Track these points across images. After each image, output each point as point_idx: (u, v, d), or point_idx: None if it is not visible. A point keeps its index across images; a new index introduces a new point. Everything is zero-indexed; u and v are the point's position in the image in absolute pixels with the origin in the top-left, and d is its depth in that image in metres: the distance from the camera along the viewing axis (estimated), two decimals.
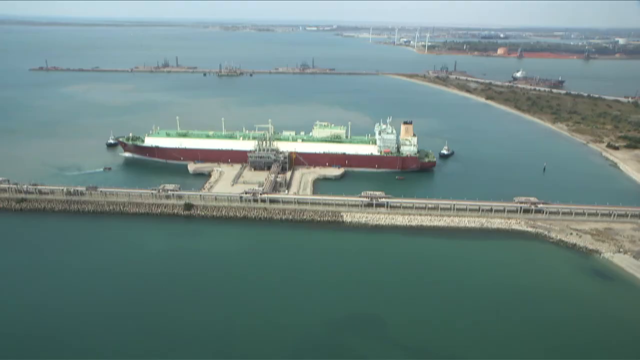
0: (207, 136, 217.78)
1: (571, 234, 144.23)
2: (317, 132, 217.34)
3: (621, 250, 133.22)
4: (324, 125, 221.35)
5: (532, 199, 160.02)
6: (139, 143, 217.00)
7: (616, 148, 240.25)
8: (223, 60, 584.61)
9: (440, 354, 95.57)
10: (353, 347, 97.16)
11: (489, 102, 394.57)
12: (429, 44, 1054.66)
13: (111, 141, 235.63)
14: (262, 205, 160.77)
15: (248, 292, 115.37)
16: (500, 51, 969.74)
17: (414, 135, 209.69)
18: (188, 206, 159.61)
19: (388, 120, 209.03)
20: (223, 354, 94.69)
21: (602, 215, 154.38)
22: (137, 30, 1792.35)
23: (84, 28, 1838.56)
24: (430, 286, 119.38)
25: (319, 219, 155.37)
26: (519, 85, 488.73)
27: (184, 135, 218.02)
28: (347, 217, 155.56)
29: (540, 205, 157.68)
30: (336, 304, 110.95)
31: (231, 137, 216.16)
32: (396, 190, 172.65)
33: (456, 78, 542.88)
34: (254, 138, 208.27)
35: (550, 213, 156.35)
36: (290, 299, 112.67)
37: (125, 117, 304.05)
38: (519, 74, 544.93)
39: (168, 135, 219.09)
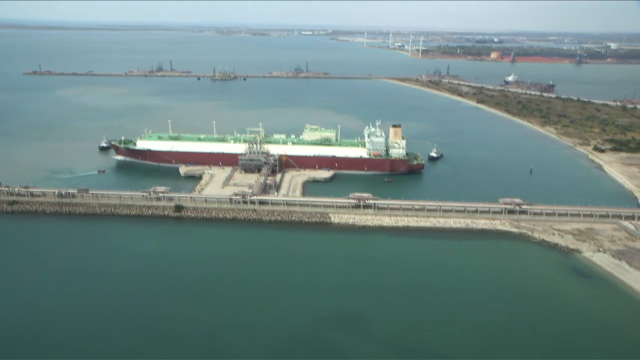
0: (199, 139, 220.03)
1: (554, 234, 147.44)
2: (307, 135, 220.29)
3: (601, 249, 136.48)
4: (314, 129, 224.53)
5: (517, 200, 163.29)
6: (131, 146, 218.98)
7: (602, 151, 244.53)
8: (217, 64, 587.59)
9: (427, 353, 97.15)
10: (341, 346, 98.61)
11: (480, 105, 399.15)
12: (423, 48, 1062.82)
13: (104, 144, 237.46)
14: (251, 207, 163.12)
15: (237, 292, 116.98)
16: (493, 55, 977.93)
17: (403, 138, 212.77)
18: (178, 208, 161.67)
19: (377, 124, 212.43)
20: (213, 354, 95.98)
21: (585, 215, 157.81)
22: (131, 34, 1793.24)
23: (78, 32, 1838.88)
24: (415, 285, 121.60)
25: (307, 220, 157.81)
26: (511, 89, 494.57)
27: (176, 139, 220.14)
28: (335, 218, 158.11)
29: (524, 207, 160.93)
30: (324, 304, 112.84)
31: (222, 140, 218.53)
32: (385, 192, 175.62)
33: (448, 82, 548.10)
34: (245, 141, 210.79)
35: (534, 214, 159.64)
36: (279, 299, 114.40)
37: (118, 120, 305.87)
38: (510, 78, 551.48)
39: (160, 138, 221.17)
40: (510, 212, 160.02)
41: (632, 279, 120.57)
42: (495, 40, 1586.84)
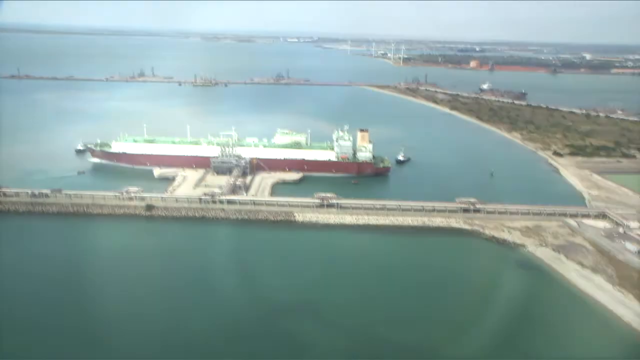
0: (173, 142, 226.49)
1: (503, 230, 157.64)
2: (278, 139, 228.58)
3: (543, 244, 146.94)
4: (286, 133, 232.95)
5: (472, 200, 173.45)
6: (106, 149, 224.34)
7: (560, 155, 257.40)
8: (199, 70, 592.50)
9: (392, 349, 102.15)
10: (295, 337, 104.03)
11: (452, 112, 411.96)
12: (405, 56, 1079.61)
13: (80, 147, 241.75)
14: (220, 206, 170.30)
15: (204, 287, 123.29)
16: (472, 64, 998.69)
17: (370, 142, 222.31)
18: (149, 207, 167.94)
19: (345, 128, 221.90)
20: (187, 352, 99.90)
21: (534, 214, 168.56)
22: (115, 39, 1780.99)
23: (59, 36, 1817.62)
24: (371, 279, 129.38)
25: (273, 218, 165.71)
26: (485, 97, 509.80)
27: (151, 142, 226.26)
28: (299, 216, 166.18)
29: (478, 205, 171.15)
30: (285, 295, 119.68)
31: (196, 143, 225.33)
32: (351, 193, 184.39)
33: (425, 89, 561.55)
34: (218, 144, 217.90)
35: (488, 212, 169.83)
36: (244, 294, 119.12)
37: (96, 124, 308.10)
38: (485, 86, 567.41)
39: (135, 141, 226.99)
40: (465, 210, 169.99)
41: (566, 269, 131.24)
42: (477, 49, 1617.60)
